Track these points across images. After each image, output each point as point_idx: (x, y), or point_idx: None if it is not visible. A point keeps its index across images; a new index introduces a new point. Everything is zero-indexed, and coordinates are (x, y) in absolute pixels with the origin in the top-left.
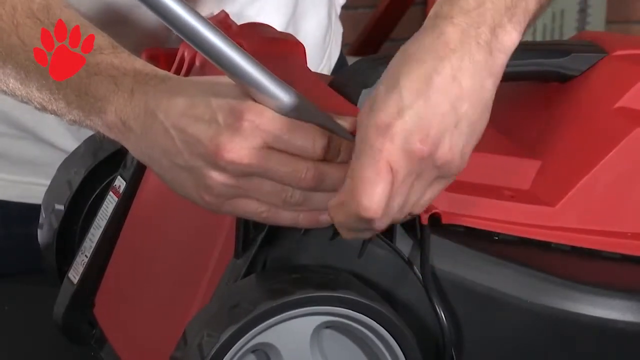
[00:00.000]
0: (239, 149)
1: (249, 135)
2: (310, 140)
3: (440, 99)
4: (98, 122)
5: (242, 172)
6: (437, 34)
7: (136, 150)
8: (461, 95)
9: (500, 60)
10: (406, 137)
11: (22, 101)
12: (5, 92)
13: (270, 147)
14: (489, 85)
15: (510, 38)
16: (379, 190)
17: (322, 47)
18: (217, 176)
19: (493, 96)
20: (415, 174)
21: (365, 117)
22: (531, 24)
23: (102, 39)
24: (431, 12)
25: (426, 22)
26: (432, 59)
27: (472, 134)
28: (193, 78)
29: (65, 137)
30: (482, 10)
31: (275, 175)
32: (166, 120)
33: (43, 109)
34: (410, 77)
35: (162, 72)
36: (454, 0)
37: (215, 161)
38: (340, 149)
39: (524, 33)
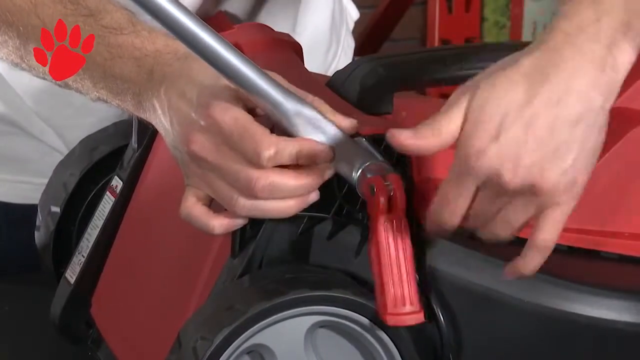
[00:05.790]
0: (202, 141)
1: (210, 130)
2: (255, 147)
3: (538, 123)
4: (127, 103)
5: (200, 165)
6: (549, 50)
7: (160, 129)
8: (565, 118)
9: (614, 78)
10: (499, 163)
11: (43, 78)
12: (27, 70)
13: (231, 149)
14: (597, 106)
15: (627, 56)
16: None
17: (325, 53)
18: (190, 161)
19: (605, 118)
20: (507, 198)
21: (463, 138)
22: None
23: (121, 16)
24: (548, 27)
25: (540, 36)
26: (538, 77)
27: (579, 159)
28: None
29: (49, 134)
30: (599, 26)
31: (227, 175)
32: (167, 100)
33: (66, 86)
34: (509, 97)
35: (182, 50)
36: (571, 15)
37: (186, 149)
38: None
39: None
